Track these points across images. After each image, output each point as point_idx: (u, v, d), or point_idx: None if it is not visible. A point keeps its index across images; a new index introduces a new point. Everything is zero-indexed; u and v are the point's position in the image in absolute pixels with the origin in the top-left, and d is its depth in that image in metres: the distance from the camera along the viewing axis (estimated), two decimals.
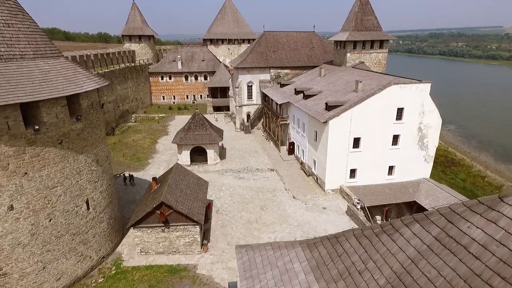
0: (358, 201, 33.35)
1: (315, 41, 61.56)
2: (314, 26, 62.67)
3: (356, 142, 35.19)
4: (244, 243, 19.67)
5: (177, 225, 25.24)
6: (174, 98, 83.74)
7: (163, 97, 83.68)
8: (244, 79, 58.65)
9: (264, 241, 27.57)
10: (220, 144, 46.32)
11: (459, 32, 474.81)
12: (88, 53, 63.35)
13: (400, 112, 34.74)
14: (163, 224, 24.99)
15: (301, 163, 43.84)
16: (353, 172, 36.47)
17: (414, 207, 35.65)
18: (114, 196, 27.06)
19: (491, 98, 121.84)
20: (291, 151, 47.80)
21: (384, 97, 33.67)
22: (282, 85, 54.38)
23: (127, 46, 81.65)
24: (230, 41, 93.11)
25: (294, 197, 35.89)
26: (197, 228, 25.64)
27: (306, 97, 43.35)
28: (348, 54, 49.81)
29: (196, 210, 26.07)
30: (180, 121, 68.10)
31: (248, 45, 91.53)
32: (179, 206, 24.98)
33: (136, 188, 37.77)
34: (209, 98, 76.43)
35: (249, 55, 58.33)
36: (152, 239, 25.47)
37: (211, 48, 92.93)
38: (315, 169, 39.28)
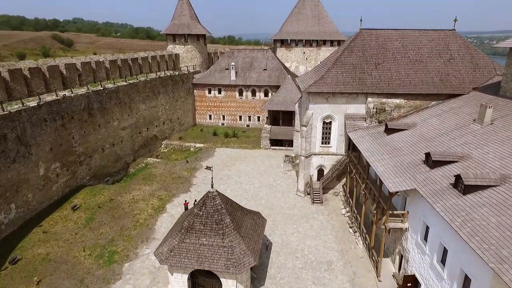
0: None
1: (456, 47, 33.85)
2: (455, 21, 34.89)
3: None
4: None
5: None
6: (224, 119, 62.67)
7: (210, 116, 63.23)
8: (318, 111, 34.09)
9: None
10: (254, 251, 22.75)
11: None
12: (102, 60, 45.45)
13: None
14: None
15: None
16: None
17: None
18: None
19: None
20: None
21: None
22: (389, 130, 28.68)
23: (171, 48, 63.18)
24: (306, 43, 69.22)
25: None
26: None
27: (465, 189, 17.49)
28: None
29: None
30: (220, 160, 46.50)
31: (331, 48, 66.25)
32: None
33: None
34: (266, 125, 53.30)
35: (331, 71, 33.54)
36: None
37: (282, 51, 69.94)
38: None
